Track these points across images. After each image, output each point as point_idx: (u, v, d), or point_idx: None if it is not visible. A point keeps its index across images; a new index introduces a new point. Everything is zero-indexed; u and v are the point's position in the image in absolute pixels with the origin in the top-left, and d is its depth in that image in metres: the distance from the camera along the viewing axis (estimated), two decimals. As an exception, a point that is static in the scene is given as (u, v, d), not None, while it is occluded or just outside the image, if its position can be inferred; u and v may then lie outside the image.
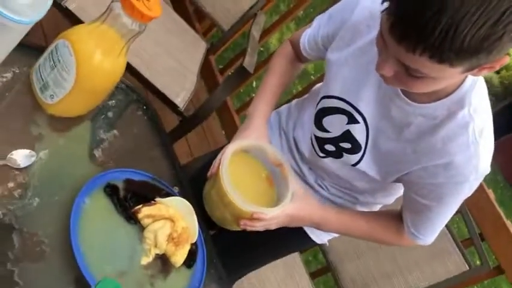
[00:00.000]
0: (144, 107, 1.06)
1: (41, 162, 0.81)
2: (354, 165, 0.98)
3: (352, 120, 0.96)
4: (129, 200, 0.87)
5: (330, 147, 1.01)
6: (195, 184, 1.04)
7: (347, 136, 0.97)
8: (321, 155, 1.04)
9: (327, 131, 1.00)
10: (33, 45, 0.92)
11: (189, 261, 0.89)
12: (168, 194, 0.94)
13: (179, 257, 0.86)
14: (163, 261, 0.86)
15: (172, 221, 0.87)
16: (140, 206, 0.86)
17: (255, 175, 1.00)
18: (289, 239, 1.15)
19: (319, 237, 1.17)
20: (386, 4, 0.70)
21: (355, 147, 0.97)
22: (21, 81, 0.87)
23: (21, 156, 0.78)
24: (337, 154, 1.00)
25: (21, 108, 0.85)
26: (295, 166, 1.12)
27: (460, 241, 1.51)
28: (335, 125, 0.99)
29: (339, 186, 1.09)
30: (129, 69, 1.53)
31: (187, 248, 0.88)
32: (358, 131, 0.96)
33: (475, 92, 0.85)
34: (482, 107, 0.86)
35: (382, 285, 1.61)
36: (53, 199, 0.80)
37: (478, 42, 0.64)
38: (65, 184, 0.83)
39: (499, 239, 1.50)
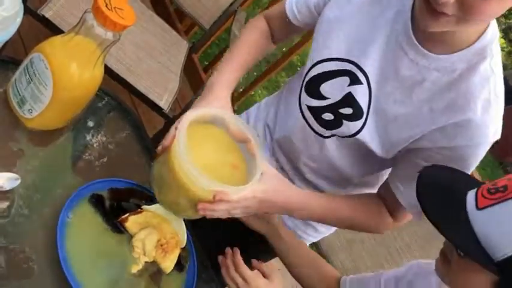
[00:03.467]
0: (126, 113, 1.06)
1: (24, 179, 0.81)
2: (355, 134, 0.88)
3: (354, 81, 0.87)
4: (116, 209, 0.87)
5: (328, 116, 0.92)
6: None
7: (348, 100, 0.88)
8: (322, 130, 0.93)
9: (325, 98, 0.91)
10: (10, 59, 0.92)
11: (180, 266, 0.90)
12: (154, 201, 0.94)
13: (169, 263, 0.87)
14: (154, 268, 0.86)
15: (160, 228, 0.87)
16: (127, 214, 0.86)
17: (221, 150, 0.83)
18: (253, 248, 1.01)
19: None
20: None
21: (357, 112, 0.88)
22: (-2, 96, 0.86)
23: (4, 180, 0.76)
24: (337, 123, 0.91)
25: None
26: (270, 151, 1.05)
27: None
28: (335, 90, 0.90)
29: (319, 170, 1.00)
30: (112, 74, 1.53)
31: (177, 253, 0.88)
32: (360, 93, 0.87)
33: (496, 44, 0.78)
34: (500, 62, 0.80)
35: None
36: (38, 215, 0.80)
37: None
38: (49, 198, 0.82)
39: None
